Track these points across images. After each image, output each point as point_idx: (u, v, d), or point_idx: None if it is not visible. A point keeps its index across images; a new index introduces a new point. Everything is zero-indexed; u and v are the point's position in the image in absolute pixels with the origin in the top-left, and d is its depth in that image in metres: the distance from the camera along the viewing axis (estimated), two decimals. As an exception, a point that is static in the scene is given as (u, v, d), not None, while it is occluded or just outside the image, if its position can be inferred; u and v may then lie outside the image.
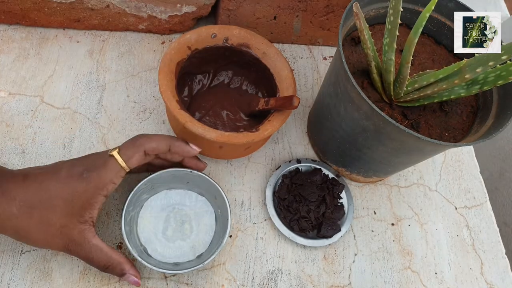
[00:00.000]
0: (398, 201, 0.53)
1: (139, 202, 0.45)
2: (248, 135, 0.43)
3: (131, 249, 0.39)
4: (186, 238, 0.45)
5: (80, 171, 0.37)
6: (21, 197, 0.36)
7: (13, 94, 0.51)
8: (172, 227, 0.45)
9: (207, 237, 0.45)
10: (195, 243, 0.45)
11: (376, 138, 0.41)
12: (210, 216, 0.46)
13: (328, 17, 0.58)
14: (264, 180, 0.51)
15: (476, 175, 0.57)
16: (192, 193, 0.47)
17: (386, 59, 0.39)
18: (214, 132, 0.42)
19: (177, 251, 0.44)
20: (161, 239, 0.44)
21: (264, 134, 0.44)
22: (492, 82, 0.36)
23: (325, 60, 0.63)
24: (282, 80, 0.48)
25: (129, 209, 0.42)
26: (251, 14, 0.57)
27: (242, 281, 0.45)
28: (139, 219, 0.45)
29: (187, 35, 0.47)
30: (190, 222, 0.46)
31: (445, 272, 0.49)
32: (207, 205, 0.47)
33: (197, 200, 0.47)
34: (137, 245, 0.42)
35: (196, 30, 0.48)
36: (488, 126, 0.41)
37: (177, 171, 0.44)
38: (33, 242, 0.37)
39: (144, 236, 0.44)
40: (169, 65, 0.45)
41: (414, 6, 0.47)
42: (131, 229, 0.43)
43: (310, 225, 0.48)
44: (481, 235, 0.53)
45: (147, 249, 0.43)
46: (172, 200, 0.47)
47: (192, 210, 0.46)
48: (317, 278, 0.46)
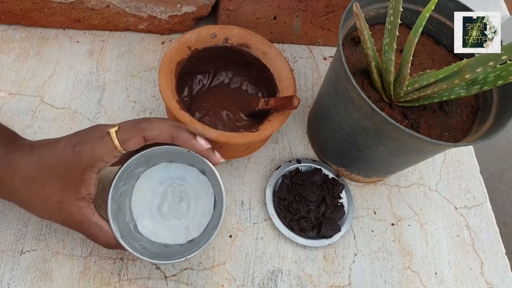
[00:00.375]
0: (398, 201, 0.53)
1: (134, 175, 0.41)
2: (248, 135, 0.43)
3: (114, 230, 0.37)
4: (181, 217, 0.42)
5: (74, 143, 0.35)
6: (23, 169, 0.35)
7: (13, 94, 0.51)
8: (169, 204, 0.43)
9: (203, 220, 0.42)
10: (190, 224, 0.42)
11: (376, 138, 0.41)
12: (210, 198, 0.43)
13: (328, 17, 0.58)
14: (264, 180, 0.51)
15: (476, 175, 0.57)
16: (194, 169, 0.43)
17: (386, 59, 0.39)
18: (214, 132, 0.42)
19: (170, 231, 0.42)
20: (155, 214, 0.42)
21: (264, 134, 0.43)
22: (492, 82, 0.36)
23: (325, 60, 0.63)
24: (282, 80, 0.48)
25: (118, 185, 0.39)
26: (251, 14, 0.57)
27: (242, 281, 0.45)
28: (134, 192, 0.42)
29: (187, 35, 0.47)
30: (189, 200, 0.43)
31: (445, 272, 0.49)
32: (207, 185, 0.43)
33: (198, 177, 0.43)
34: (126, 222, 0.40)
35: (196, 30, 0.48)
36: (488, 126, 0.41)
37: (172, 148, 0.38)
38: (37, 214, 0.37)
39: (137, 209, 0.41)
40: (169, 65, 0.45)
41: (414, 6, 0.47)
42: (122, 205, 0.40)
43: (310, 225, 0.48)
44: (481, 235, 0.53)
45: (137, 225, 0.41)
46: (173, 174, 0.43)
47: (192, 187, 0.43)
48: (317, 278, 0.46)
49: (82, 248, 0.44)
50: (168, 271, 0.44)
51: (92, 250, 0.44)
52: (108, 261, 0.44)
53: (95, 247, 0.44)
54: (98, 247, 0.44)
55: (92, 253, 0.44)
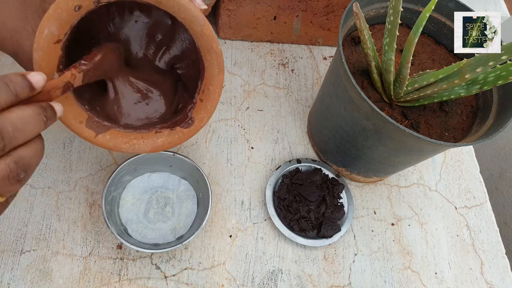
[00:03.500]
0: (398, 201, 0.53)
1: (121, 183, 0.45)
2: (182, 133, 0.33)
3: (110, 227, 0.40)
4: (167, 220, 0.46)
5: None
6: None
7: (13, 94, 0.51)
8: (154, 210, 0.46)
9: (188, 220, 0.46)
10: (176, 225, 0.46)
11: (376, 138, 0.41)
12: (192, 200, 0.47)
13: (328, 17, 0.58)
14: (264, 180, 0.51)
15: (476, 175, 0.57)
16: (175, 177, 0.48)
17: (386, 59, 0.39)
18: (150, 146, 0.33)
19: (157, 233, 0.45)
20: (142, 220, 0.45)
21: (200, 126, 0.33)
22: (492, 82, 0.36)
23: (325, 60, 0.63)
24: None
25: (110, 189, 0.43)
26: (251, 14, 0.57)
27: (242, 281, 0.45)
28: (121, 200, 0.46)
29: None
30: (172, 205, 0.47)
31: (445, 272, 0.49)
32: (189, 189, 0.48)
33: (180, 183, 0.48)
34: (118, 225, 0.43)
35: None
36: (488, 126, 0.41)
37: (160, 153, 0.43)
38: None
39: (125, 217, 0.45)
40: None
41: (414, 6, 0.47)
42: (112, 208, 0.44)
43: (310, 225, 0.48)
44: (481, 235, 0.53)
45: (127, 229, 0.44)
46: (155, 183, 0.47)
47: (175, 193, 0.47)
48: (317, 278, 0.46)
49: (82, 248, 0.44)
50: (168, 271, 0.44)
51: (92, 250, 0.44)
52: (108, 261, 0.44)
53: (95, 247, 0.44)
54: (98, 247, 0.44)
55: (92, 253, 0.44)
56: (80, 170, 0.48)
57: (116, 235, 0.40)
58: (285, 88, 0.59)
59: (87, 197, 0.47)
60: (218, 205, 0.49)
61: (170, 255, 0.45)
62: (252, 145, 0.54)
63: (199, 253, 0.46)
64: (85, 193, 0.47)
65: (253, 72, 0.60)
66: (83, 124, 0.31)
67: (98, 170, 0.48)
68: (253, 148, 0.54)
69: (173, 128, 0.33)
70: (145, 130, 0.33)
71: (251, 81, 0.59)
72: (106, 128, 0.32)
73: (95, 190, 0.47)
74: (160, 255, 0.45)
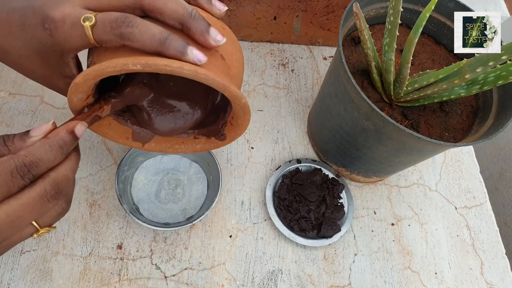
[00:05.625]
0: (398, 201, 0.53)
1: (135, 163, 0.47)
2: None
3: (123, 204, 0.42)
4: (178, 201, 0.47)
5: (43, 17, 0.29)
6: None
7: (13, 94, 0.51)
8: (165, 191, 0.48)
9: (198, 202, 0.47)
10: (187, 206, 0.47)
11: (376, 138, 0.41)
12: (203, 183, 0.49)
13: (328, 17, 0.58)
14: (264, 180, 0.51)
15: (476, 175, 0.57)
16: (186, 160, 0.49)
17: (386, 59, 0.39)
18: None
19: (168, 213, 0.46)
20: (154, 200, 0.47)
21: (232, 140, 0.36)
22: (492, 82, 0.36)
23: (325, 60, 0.63)
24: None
25: (123, 168, 0.45)
26: (251, 14, 0.57)
27: (242, 281, 0.45)
28: (133, 180, 0.47)
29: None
30: (183, 187, 0.48)
31: (445, 272, 0.49)
32: (200, 172, 0.49)
33: (191, 166, 0.49)
34: (130, 204, 0.44)
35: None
36: (488, 126, 0.41)
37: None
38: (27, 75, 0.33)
39: (137, 196, 0.47)
40: None
41: (414, 6, 0.47)
42: (125, 187, 0.45)
43: (310, 225, 0.48)
44: (481, 235, 0.53)
45: (139, 208, 0.46)
46: (167, 165, 0.49)
47: (185, 176, 0.49)
48: (317, 278, 0.46)
49: (82, 248, 0.44)
50: (168, 271, 0.44)
51: (92, 250, 0.44)
52: (108, 261, 0.44)
53: (95, 247, 0.44)
54: (98, 247, 0.44)
55: (92, 253, 0.44)
56: (80, 170, 0.48)
57: (128, 212, 0.41)
58: (285, 88, 0.59)
59: (87, 197, 0.47)
60: (218, 205, 0.49)
61: (170, 255, 0.45)
62: (252, 145, 0.54)
63: (199, 253, 0.46)
64: (85, 193, 0.47)
65: (253, 72, 0.60)
66: (129, 139, 0.35)
67: (98, 170, 0.48)
68: (253, 148, 0.54)
69: (209, 137, 0.37)
70: (185, 135, 0.37)
71: (251, 81, 0.59)
72: (150, 137, 0.36)
73: (95, 190, 0.47)
74: (160, 255, 0.45)
